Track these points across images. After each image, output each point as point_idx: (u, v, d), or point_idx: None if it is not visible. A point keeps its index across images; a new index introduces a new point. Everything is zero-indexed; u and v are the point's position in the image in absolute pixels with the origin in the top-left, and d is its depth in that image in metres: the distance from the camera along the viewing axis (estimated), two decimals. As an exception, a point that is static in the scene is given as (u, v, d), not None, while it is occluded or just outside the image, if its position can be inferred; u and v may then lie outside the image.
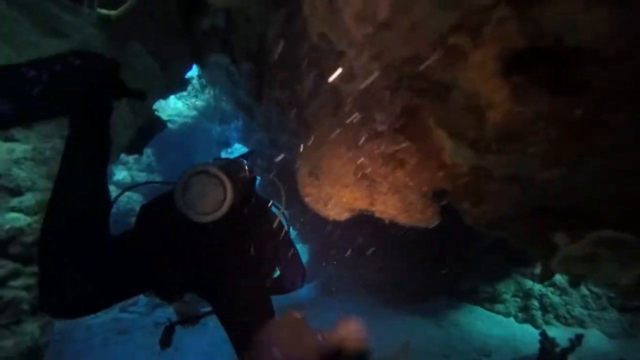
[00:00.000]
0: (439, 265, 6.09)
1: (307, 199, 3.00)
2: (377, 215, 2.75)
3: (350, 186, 2.59)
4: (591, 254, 1.95)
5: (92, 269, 1.79)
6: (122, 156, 10.29)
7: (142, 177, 11.14)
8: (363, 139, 2.25)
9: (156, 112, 5.00)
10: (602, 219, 1.96)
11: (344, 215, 2.97)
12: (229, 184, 1.76)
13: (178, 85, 5.13)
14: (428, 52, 1.37)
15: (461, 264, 6.22)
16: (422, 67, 1.40)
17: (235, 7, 2.81)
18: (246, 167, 2.28)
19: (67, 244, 1.74)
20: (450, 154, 1.89)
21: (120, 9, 2.50)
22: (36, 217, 2.58)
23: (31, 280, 2.54)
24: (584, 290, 6.44)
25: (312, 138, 2.56)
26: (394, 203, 2.51)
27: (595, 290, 6.36)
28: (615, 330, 6.19)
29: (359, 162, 2.43)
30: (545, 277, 2.59)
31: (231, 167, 2.04)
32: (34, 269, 2.55)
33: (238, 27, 3.13)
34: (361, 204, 2.70)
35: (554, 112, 1.24)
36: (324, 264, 7.72)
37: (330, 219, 3.06)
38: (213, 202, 1.75)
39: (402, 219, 2.61)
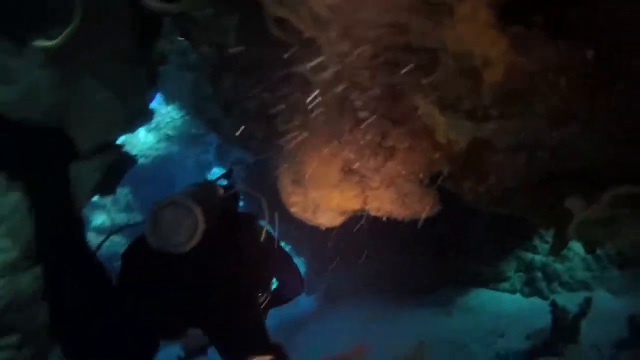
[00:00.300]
0: (439, 254, 6.00)
1: (293, 209, 2.82)
2: (373, 213, 2.58)
3: (339, 186, 2.42)
4: (608, 217, 1.83)
5: (98, 319, 1.89)
6: (98, 200, 10.01)
7: (121, 217, 10.92)
8: (344, 130, 2.10)
9: (124, 148, 4.80)
10: (608, 182, 1.84)
11: (337, 220, 2.80)
12: (198, 209, 1.78)
13: (142, 116, 4.92)
14: (406, 16, 1.22)
15: (461, 249, 6.14)
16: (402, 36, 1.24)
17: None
18: (222, 186, 2.28)
19: (68, 296, 1.87)
20: (444, 130, 1.75)
21: (59, 38, 2.29)
22: (2, 281, 2.35)
23: (10, 354, 2.30)
24: (583, 253, 6.44)
25: (288, 140, 2.39)
26: (389, 196, 2.36)
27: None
28: (619, 287, 6.21)
29: (343, 157, 2.27)
30: (558, 248, 2.47)
31: (201, 191, 2.07)
32: (9, 340, 2.33)
33: (195, 40, 2.97)
34: (354, 204, 2.53)
35: (563, 59, 1.10)
36: (321, 274, 7.54)
37: (323, 227, 2.88)
38: (185, 231, 1.77)
39: (400, 213, 2.46)
